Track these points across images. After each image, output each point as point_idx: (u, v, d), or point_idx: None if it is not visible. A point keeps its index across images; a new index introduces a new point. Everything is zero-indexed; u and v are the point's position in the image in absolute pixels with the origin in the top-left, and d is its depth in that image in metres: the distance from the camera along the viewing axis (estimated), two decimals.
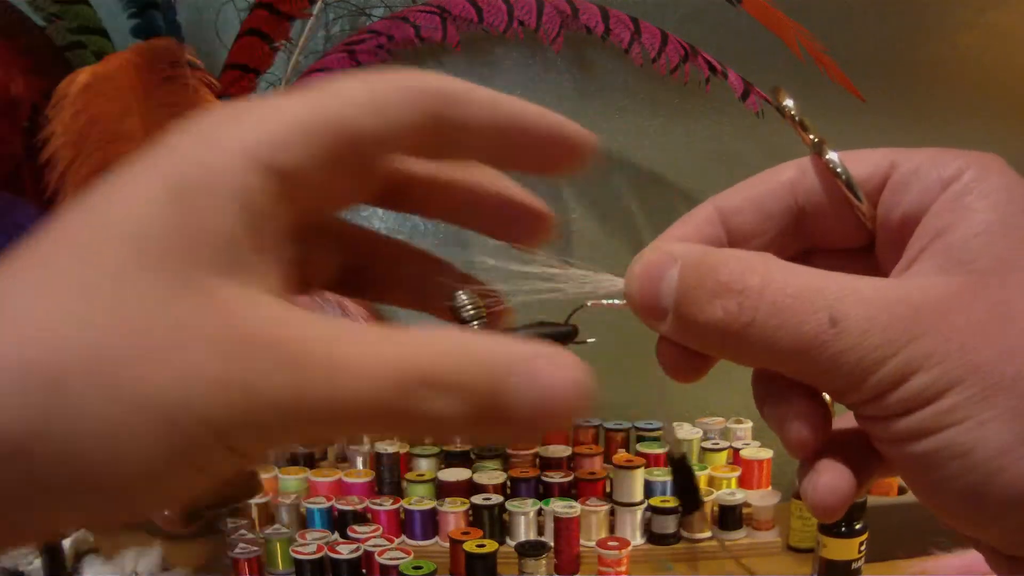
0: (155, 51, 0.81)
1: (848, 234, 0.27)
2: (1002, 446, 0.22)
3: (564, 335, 0.33)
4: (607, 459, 1.00)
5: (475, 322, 0.33)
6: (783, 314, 0.23)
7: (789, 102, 0.27)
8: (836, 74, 0.92)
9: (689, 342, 0.26)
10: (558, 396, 0.19)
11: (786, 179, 0.27)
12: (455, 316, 0.33)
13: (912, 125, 1.10)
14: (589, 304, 0.33)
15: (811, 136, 0.26)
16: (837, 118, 0.94)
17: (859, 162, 0.26)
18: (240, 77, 0.93)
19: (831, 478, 0.26)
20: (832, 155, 0.26)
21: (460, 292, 0.34)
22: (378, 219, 1.09)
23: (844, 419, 0.27)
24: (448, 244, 1.09)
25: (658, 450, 1.00)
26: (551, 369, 0.19)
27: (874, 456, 0.26)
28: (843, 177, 0.26)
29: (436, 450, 1.00)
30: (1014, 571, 0.25)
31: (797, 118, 0.27)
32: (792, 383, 0.26)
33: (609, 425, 1.04)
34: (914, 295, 0.23)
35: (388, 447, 0.97)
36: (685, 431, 1.03)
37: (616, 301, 0.33)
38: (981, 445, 0.22)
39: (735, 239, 0.28)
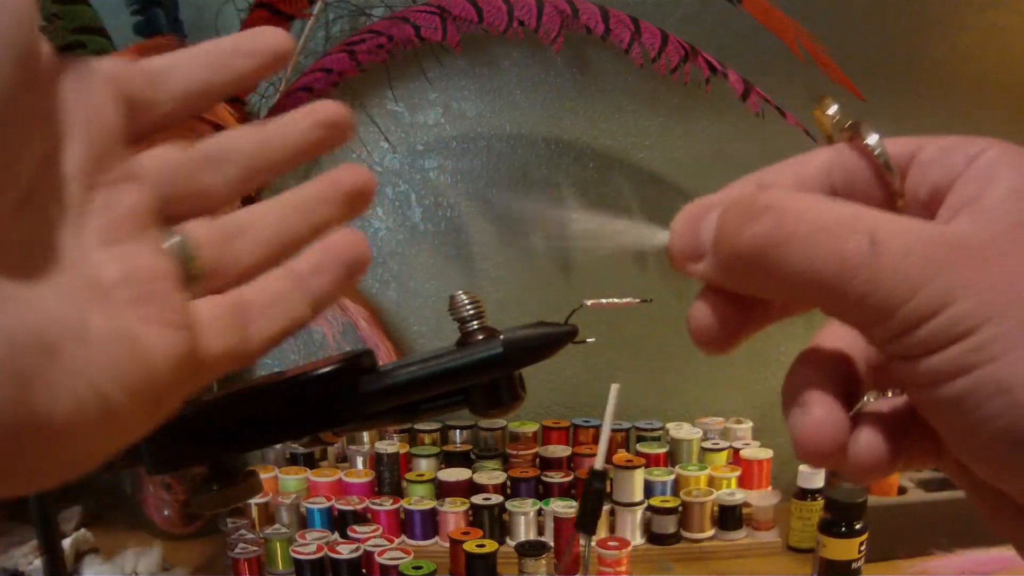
0: (155, 50, 0.81)
1: None
2: None
3: (564, 335, 0.33)
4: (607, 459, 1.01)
5: (474, 321, 0.33)
6: (822, 233, 0.23)
7: (832, 109, 0.28)
8: (836, 74, 0.92)
9: (725, 278, 0.26)
10: None
11: (823, 159, 0.28)
12: (454, 314, 0.33)
13: (912, 125, 1.10)
14: (589, 304, 0.33)
15: (847, 121, 0.27)
16: None
17: (888, 144, 0.27)
18: None
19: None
20: (870, 135, 0.27)
21: (459, 292, 0.34)
22: (378, 219, 1.09)
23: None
24: (449, 243, 1.09)
25: (658, 450, 1.00)
26: None
27: (914, 428, 0.25)
28: (877, 154, 0.26)
29: (436, 450, 1.00)
30: None
31: (835, 117, 0.28)
32: (826, 377, 0.26)
33: None
34: (952, 234, 0.23)
35: (388, 447, 0.97)
36: (685, 431, 1.03)
37: (616, 300, 0.33)
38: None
39: None
